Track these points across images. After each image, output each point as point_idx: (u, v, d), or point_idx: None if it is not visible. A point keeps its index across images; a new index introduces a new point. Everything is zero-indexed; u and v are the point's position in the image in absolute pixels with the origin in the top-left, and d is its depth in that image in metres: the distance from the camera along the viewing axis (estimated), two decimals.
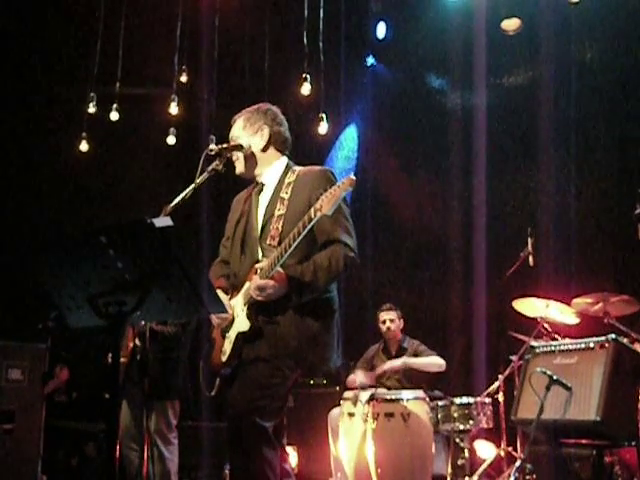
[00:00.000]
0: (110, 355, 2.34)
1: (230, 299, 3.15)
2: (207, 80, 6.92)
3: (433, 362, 5.81)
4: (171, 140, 6.88)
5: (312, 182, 3.10)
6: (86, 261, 2.24)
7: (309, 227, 2.83)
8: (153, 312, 2.39)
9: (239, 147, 3.22)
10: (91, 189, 7.79)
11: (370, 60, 8.27)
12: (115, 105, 6.80)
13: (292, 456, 6.20)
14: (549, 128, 7.34)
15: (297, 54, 6.42)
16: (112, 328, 2.28)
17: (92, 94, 6.69)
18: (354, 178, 2.77)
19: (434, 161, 7.88)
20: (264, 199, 3.22)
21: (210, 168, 3.13)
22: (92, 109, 6.71)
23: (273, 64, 7.31)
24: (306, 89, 6.21)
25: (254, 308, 3.01)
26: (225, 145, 3.23)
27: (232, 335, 3.07)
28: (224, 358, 3.08)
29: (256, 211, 3.21)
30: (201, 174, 3.11)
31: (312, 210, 2.80)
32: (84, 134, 6.99)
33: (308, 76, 6.17)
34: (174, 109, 6.68)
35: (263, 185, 3.26)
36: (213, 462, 6.27)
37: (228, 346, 3.08)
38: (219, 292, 3.08)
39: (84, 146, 7.06)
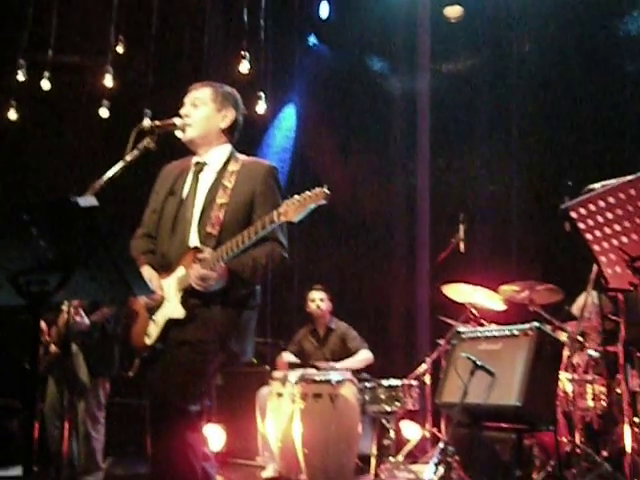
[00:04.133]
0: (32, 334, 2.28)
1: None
2: (144, 53, 6.74)
3: (362, 359, 5.88)
4: (104, 113, 6.69)
5: (257, 176, 3.08)
6: (7, 238, 2.16)
7: (268, 229, 2.81)
8: (77, 292, 2.34)
9: (173, 125, 3.15)
10: (19, 159, 7.53)
11: (312, 40, 8.22)
12: (47, 74, 6.56)
13: (220, 435, 6.20)
14: (487, 116, 7.47)
15: (237, 31, 6.33)
16: (34, 307, 2.22)
17: (22, 61, 6.44)
18: (328, 192, 2.75)
19: (372, 143, 7.93)
20: (204, 182, 3.14)
21: (141, 145, 3.05)
22: (22, 77, 6.47)
23: (213, 40, 7.19)
24: (245, 67, 6.13)
25: (189, 295, 2.97)
26: (158, 122, 3.14)
27: (160, 320, 3.00)
28: (149, 341, 3.02)
29: (194, 192, 3.12)
30: (132, 151, 3.03)
31: (275, 213, 2.76)
32: (13, 102, 6.74)
33: (247, 54, 6.11)
34: (109, 81, 6.49)
35: (204, 165, 3.18)
36: (139, 439, 6.21)
37: (154, 330, 3.01)
38: (147, 268, 3.04)
39: (13, 115, 6.81)
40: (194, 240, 3.03)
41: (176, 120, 3.16)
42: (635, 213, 2.46)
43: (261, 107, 6.45)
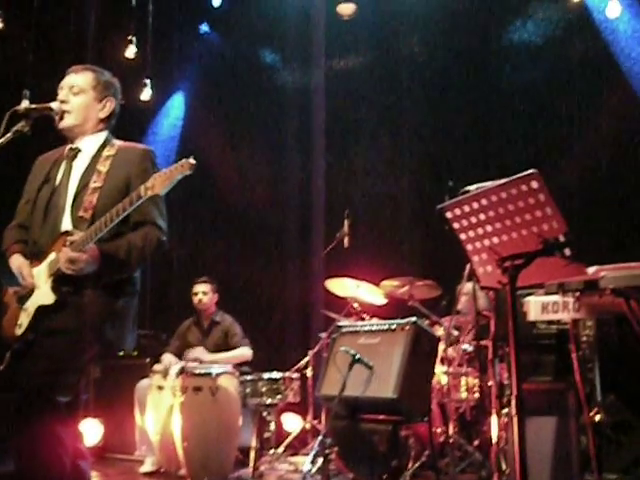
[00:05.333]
0: None
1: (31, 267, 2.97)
2: (24, 29, 6.42)
3: (240, 355, 5.87)
4: None
5: (133, 160, 3.04)
6: None
7: (136, 205, 2.75)
8: None
9: (50, 110, 3.03)
10: None
11: (204, 27, 8.09)
12: None
13: (97, 429, 6.04)
14: (377, 114, 7.60)
15: (125, 14, 6.15)
16: None
17: None
18: (194, 162, 2.70)
19: (263, 135, 7.90)
20: (78, 167, 3.06)
21: (15, 129, 2.92)
22: None
23: (99, 21, 6.94)
24: (131, 51, 5.98)
25: (60, 280, 2.87)
26: (34, 106, 3.01)
27: (31, 308, 2.89)
28: (19, 332, 2.90)
29: (68, 178, 3.05)
30: (4, 134, 2.89)
31: (142, 188, 2.71)
32: None
33: (134, 38, 5.95)
34: None
35: (78, 152, 3.10)
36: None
37: (25, 319, 2.90)
38: (17, 257, 2.96)
39: None
40: (66, 225, 2.95)
41: (54, 105, 3.05)
42: (506, 215, 2.55)
43: (146, 94, 6.31)
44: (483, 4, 7.02)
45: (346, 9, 7.77)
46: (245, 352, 5.90)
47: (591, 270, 2.73)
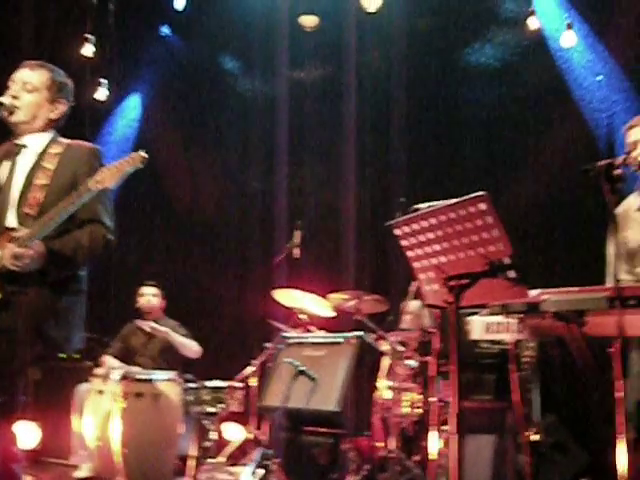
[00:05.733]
0: None
1: None
2: None
3: (192, 346, 5.85)
4: None
5: (80, 157, 3.02)
6: None
7: (84, 199, 2.73)
8: None
9: None
10: None
11: (165, 30, 8.02)
12: None
13: (34, 432, 5.90)
14: (337, 126, 7.63)
15: (84, 12, 6.06)
16: None
17: None
18: (145, 155, 2.69)
19: (217, 142, 7.86)
20: (23, 164, 3.03)
21: None
22: None
23: (57, 17, 6.82)
24: (89, 50, 5.90)
25: (4, 277, 2.82)
26: None
27: None
28: None
29: (12, 175, 3.00)
30: None
31: (91, 181, 2.69)
32: None
33: (92, 37, 5.87)
34: None
35: (23, 148, 3.05)
36: None
37: None
38: None
39: None
40: (11, 222, 2.91)
41: (4, 99, 3.01)
42: (454, 235, 2.59)
43: (102, 93, 6.23)
44: (444, 24, 7.13)
45: (309, 21, 7.81)
46: (195, 345, 5.85)
47: (534, 293, 2.78)
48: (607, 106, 6.05)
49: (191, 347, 5.83)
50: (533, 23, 6.48)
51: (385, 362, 5.15)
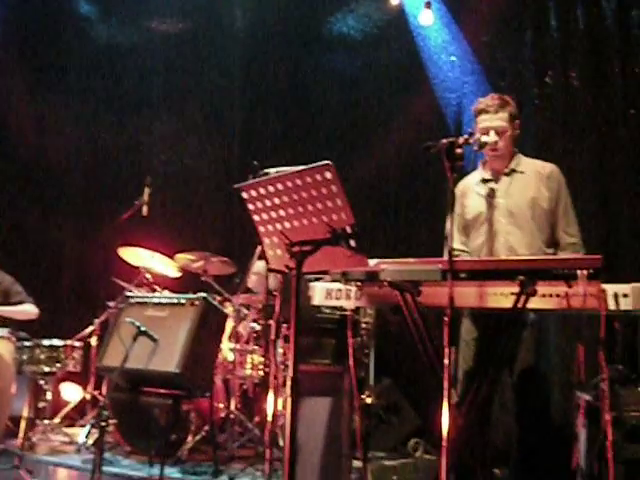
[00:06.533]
0: None
1: None
2: None
3: (26, 310, 5.45)
4: None
5: None
6: None
7: None
8: None
9: None
10: None
11: None
12: None
13: None
14: (195, 83, 7.45)
15: None
16: None
17: None
18: None
19: (66, 89, 7.45)
20: None
21: None
22: None
23: None
24: None
25: None
26: None
27: None
28: None
29: None
30: None
31: None
32: None
33: None
34: None
35: None
36: None
37: None
38: None
39: None
40: None
41: None
42: (298, 202, 2.61)
43: None
44: None
45: None
46: (30, 309, 5.45)
47: (373, 262, 2.86)
48: (458, 86, 6.26)
49: (25, 313, 5.43)
50: None
51: (229, 324, 5.18)
